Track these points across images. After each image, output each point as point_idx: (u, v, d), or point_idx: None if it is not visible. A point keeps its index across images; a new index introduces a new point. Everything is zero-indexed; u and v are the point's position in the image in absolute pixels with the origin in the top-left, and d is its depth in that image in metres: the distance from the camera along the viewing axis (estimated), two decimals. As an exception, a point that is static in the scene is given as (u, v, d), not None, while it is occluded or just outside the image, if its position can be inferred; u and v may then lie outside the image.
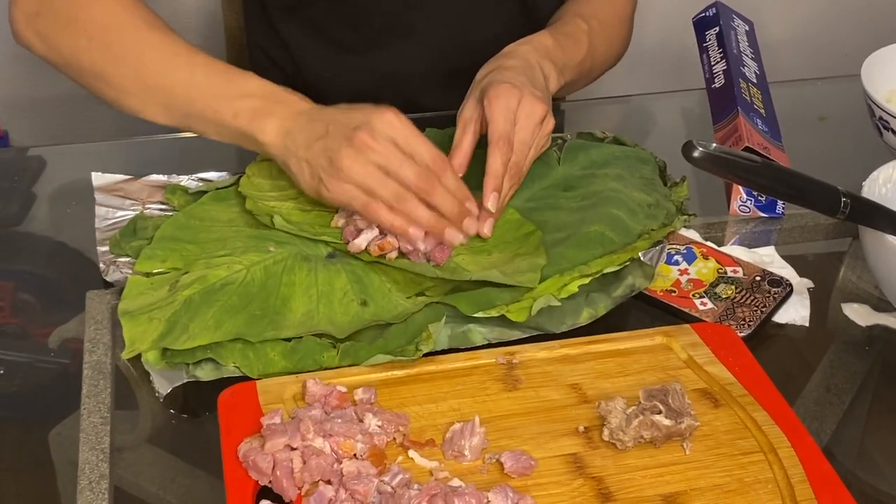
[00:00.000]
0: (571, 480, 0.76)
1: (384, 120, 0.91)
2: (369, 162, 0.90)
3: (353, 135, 0.90)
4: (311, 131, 0.93)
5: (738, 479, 0.76)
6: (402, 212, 0.91)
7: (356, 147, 0.90)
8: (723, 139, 1.08)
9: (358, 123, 0.91)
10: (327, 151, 0.91)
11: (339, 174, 0.90)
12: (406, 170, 0.90)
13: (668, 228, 0.97)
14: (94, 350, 0.88)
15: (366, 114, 0.92)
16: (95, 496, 0.76)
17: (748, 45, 1.20)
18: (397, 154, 0.91)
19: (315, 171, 0.92)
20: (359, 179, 0.90)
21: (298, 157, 0.94)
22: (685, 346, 0.87)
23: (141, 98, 1.00)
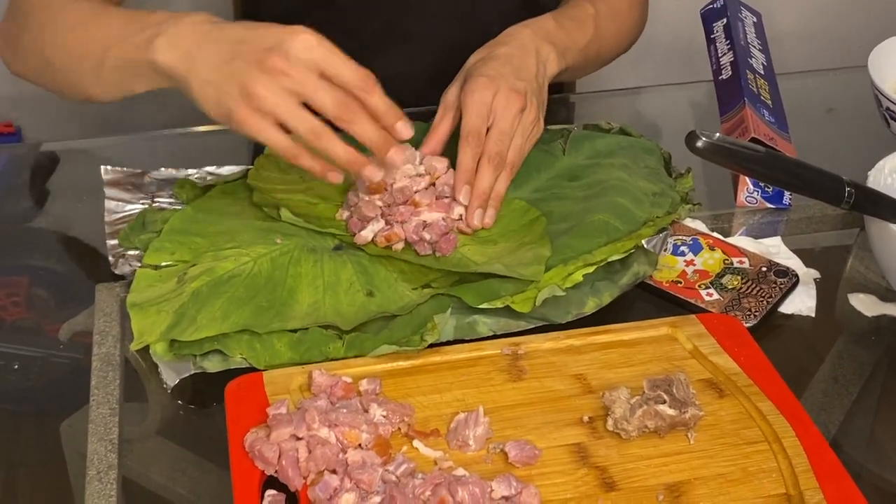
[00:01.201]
0: (575, 470, 0.76)
1: (300, 41, 0.84)
2: (283, 89, 0.83)
3: (265, 58, 0.83)
4: (216, 51, 0.86)
5: (742, 468, 0.77)
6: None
7: (268, 72, 0.83)
8: (729, 130, 1.09)
9: (270, 45, 0.84)
10: (236, 75, 0.84)
11: (249, 102, 0.84)
12: (323, 96, 0.84)
13: (672, 216, 0.97)
14: (103, 342, 0.89)
15: (278, 34, 0.85)
16: (104, 486, 0.77)
17: (756, 37, 1.20)
18: (313, 79, 0.84)
19: (222, 97, 0.85)
20: (272, 109, 0.84)
21: (201, 78, 0.86)
22: (690, 337, 0.88)
23: (70, 68, 0.98)
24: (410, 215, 0.95)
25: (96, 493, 0.76)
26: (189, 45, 0.88)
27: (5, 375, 0.91)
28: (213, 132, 1.18)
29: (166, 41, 0.88)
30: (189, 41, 0.88)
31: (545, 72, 1.05)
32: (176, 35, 0.88)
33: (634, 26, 1.23)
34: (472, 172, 0.96)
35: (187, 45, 0.88)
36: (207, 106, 0.87)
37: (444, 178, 0.98)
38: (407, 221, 0.94)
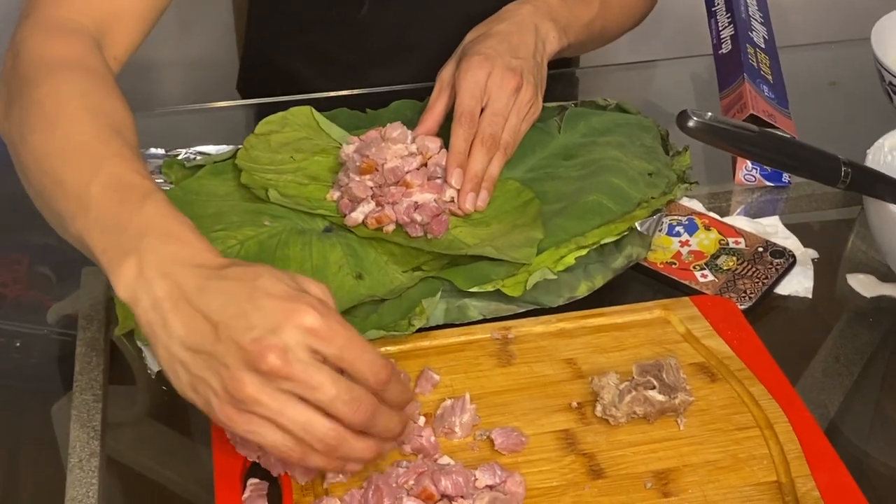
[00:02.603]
0: (562, 457, 0.75)
1: (298, 325, 0.65)
2: (283, 393, 0.65)
3: (257, 354, 0.64)
4: (194, 323, 0.66)
5: (732, 454, 0.75)
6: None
7: (262, 373, 0.64)
8: (728, 106, 1.06)
9: (260, 331, 0.64)
10: (219, 369, 0.65)
11: (238, 405, 0.65)
12: (339, 408, 0.65)
13: (667, 197, 0.95)
14: (88, 327, 0.88)
15: (276, 312, 0.65)
16: (85, 474, 0.76)
17: (758, 10, 1.17)
18: (323, 383, 0.65)
19: (199, 386, 0.67)
20: (271, 416, 0.65)
21: (171, 351, 0.67)
22: (684, 320, 0.86)
23: (35, 192, 0.79)
24: (402, 196, 0.93)
25: (77, 480, 0.76)
26: (160, 295, 0.67)
27: (7, 353, 0.91)
28: (204, 111, 1.17)
29: (134, 272, 0.68)
30: (161, 289, 0.67)
31: (544, 49, 1.03)
32: (148, 270, 0.68)
33: (643, 2, 1.21)
34: (464, 155, 0.94)
35: (158, 294, 0.67)
36: (180, 387, 0.68)
37: (437, 158, 0.96)
38: (398, 203, 0.93)
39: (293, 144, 1.02)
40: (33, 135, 0.78)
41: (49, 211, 0.77)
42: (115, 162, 0.74)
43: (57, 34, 0.87)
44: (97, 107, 0.79)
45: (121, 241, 0.70)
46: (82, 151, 0.75)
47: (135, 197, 0.72)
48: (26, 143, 0.78)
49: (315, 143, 1.03)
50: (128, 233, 0.70)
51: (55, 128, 0.78)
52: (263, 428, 0.65)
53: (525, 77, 0.98)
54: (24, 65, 0.84)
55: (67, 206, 0.74)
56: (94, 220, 0.72)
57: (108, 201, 0.72)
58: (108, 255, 0.70)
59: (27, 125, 0.79)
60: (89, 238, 0.71)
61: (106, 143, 0.76)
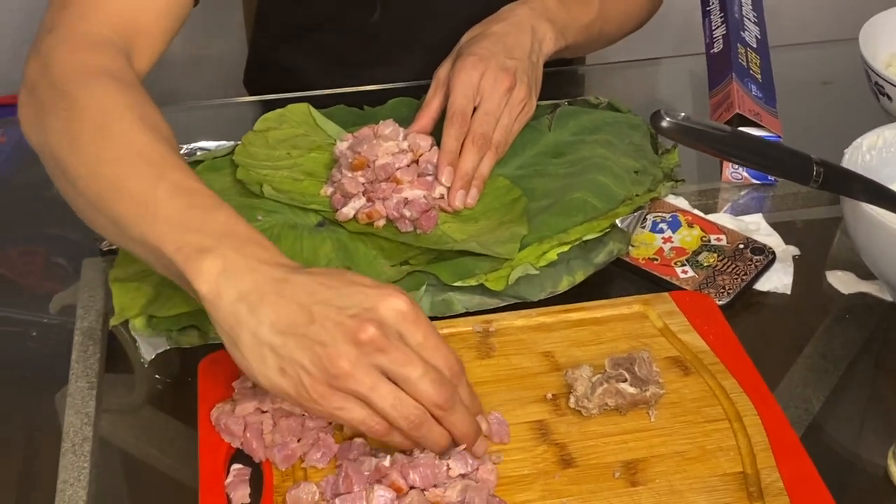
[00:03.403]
0: (535, 447, 0.77)
1: (391, 307, 0.69)
2: (375, 367, 0.68)
3: (357, 327, 0.68)
4: (286, 309, 0.69)
5: (700, 446, 0.77)
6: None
7: (360, 345, 0.67)
8: (717, 105, 1.08)
9: (357, 309, 0.69)
10: (313, 347, 0.68)
11: (332, 381, 0.68)
12: (425, 384, 0.69)
13: (651, 194, 0.97)
14: (86, 316, 0.92)
15: (367, 295, 0.69)
16: (77, 459, 0.79)
17: (752, 9, 1.19)
18: (415, 360, 0.69)
19: (287, 367, 0.69)
20: (363, 392, 0.68)
21: (259, 337, 0.69)
22: (661, 315, 0.88)
23: (90, 203, 0.79)
24: (392, 192, 0.96)
25: (70, 464, 0.79)
26: (247, 287, 0.70)
27: (23, 342, 0.94)
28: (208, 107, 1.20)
29: (216, 270, 0.71)
30: (247, 283, 0.70)
31: (540, 50, 1.05)
32: (232, 266, 0.71)
33: (645, 6, 1.22)
34: (455, 153, 0.97)
35: (245, 287, 0.70)
36: (260, 372, 0.70)
37: (427, 155, 0.98)
38: (388, 198, 0.95)
39: (290, 141, 1.05)
40: (83, 143, 0.80)
41: (102, 215, 0.79)
42: (176, 170, 0.77)
43: (88, 46, 0.88)
44: (146, 118, 0.82)
45: (197, 240, 0.72)
46: (142, 159, 0.78)
47: (204, 202, 0.75)
48: (76, 151, 0.80)
49: (312, 139, 1.05)
50: (204, 233, 0.73)
51: (109, 137, 0.80)
52: (352, 404, 0.69)
53: (519, 77, 1.00)
54: (57, 75, 0.85)
55: (129, 209, 0.76)
56: (164, 221, 0.74)
57: (177, 204, 0.75)
58: (183, 252, 0.72)
59: (74, 134, 0.81)
60: (157, 238, 0.73)
61: (163, 153, 0.79)
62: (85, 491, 0.77)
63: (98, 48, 0.88)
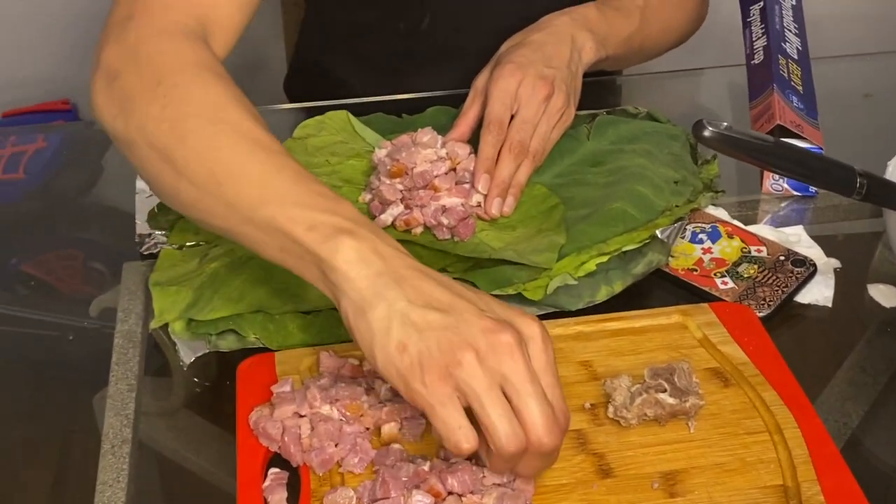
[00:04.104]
0: (573, 456, 0.77)
1: (532, 329, 0.69)
2: (497, 372, 0.67)
3: (494, 327, 0.67)
4: (429, 291, 0.70)
5: (740, 458, 0.77)
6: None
7: (494, 344, 0.67)
8: (757, 116, 1.08)
9: (497, 315, 0.69)
10: (446, 330, 0.67)
11: (451, 369, 0.66)
12: (535, 409, 0.67)
13: (691, 205, 0.97)
14: (126, 320, 0.92)
15: (505, 309, 0.71)
16: (117, 460, 0.80)
17: (793, 21, 1.18)
18: (537, 380, 0.67)
19: (409, 345, 0.68)
20: (477, 389, 0.66)
21: (394, 309, 0.69)
22: (701, 325, 0.88)
23: (200, 187, 0.79)
24: (430, 200, 0.96)
25: (109, 466, 0.79)
26: (389, 267, 0.71)
27: (60, 346, 0.94)
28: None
29: (356, 247, 0.71)
30: (389, 264, 0.71)
31: (580, 59, 1.05)
32: (371, 246, 0.72)
33: (687, 21, 1.22)
34: (492, 161, 0.97)
35: (386, 266, 0.71)
36: (385, 343, 0.68)
37: (465, 163, 0.99)
38: (426, 206, 0.96)
39: (329, 148, 1.05)
40: (191, 129, 0.80)
41: (214, 199, 0.79)
42: (292, 159, 0.79)
43: (178, 36, 0.88)
44: (252, 111, 0.83)
45: (334, 221, 0.73)
46: (259, 146, 0.79)
47: (328, 191, 0.77)
48: (183, 137, 0.80)
49: (350, 146, 1.06)
50: (339, 216, 0.73)
51: (221, 123, 0.81)
52: (455, 404, 0.67)
53: (557, 86, 1.00)
54: (148, 63, 0.85)
55: (250, 192, 0.77)
56: (293, 203, 0.75)
57: (303, 189, 0.76)
58: (318, 232, 0.73)
59: (178, 120, 0.81)
60: (288, 220, 0.74)
61: (276, 143, 0.80)
62: (124, 492, 0.77)
63: (187, 39, 0.88)
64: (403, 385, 0.68)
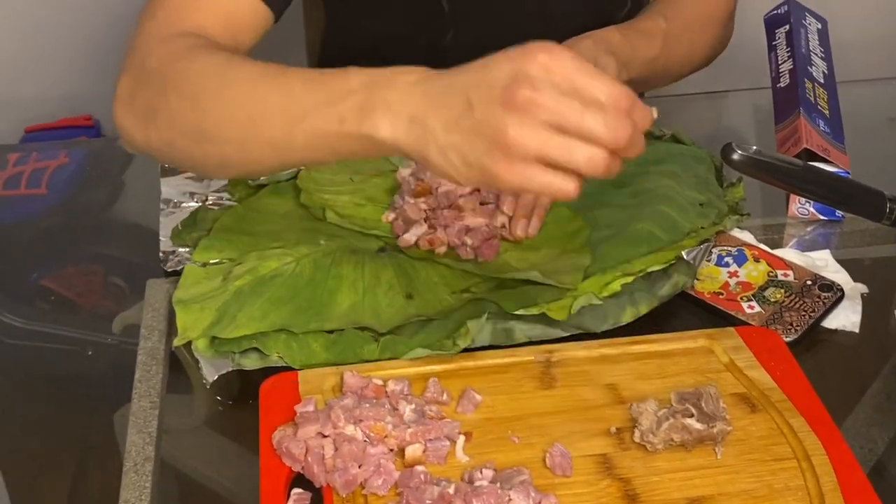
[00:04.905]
0: (599, 481, 0.76)
1: (538, 64, 0.71)
2: (541, 124, 0.70)
3: (509, 95, 0.70)
4: (448, 108, 0.74)
5: (768, 485, 0.76)
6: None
7: (519, 108, 0.70)
8: (784, 139, 1.07)
9: (507, 78, 0.71)
10: (481, 128, 0.71)
11: (507, 152, 0.71)
12: (592, 125, 0.70)
13: (717, 227, 0.96)
14: (149, 336, 0.92)
15: (512, 62, 0.72)
16: (139, 478, 0.79)
17: (818, 44, 1.18)
18: (573, 105, 0.70)
19: (470, 159, 0.73)
20: (536, 150, 0.70)
21: (439, 144, 0.74)
22: (727, 350, 0.87)
23: (240, 143, 0.84)
24: (454, 220, 0.96)
25: (132, 483, 0.79)
26: (412, 109, 0.75)
27: (80, 361, 0.94)
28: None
29: (384, 111, 0.75)
30: (410, 105, 0.75)
31: None
32: (393, 102, 0.76)
33: (711, 45, 1.21)
34: None
35: (410, 110, 0.75)
36: (454, 172, 0.74)
37: (490, 183, 0.98)
38: (450, 226, 0.95)
39: (353, 166, 1.05)
40: (209, 96, 0.85)
41: (256, 147, 0.83)
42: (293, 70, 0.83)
43: (171, 39, 0.91)
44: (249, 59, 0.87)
45: (351, 103, 0.77)
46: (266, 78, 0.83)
47: (333, 74, 0.80)
48: (204, 107, 0.84)
49: (374, 165, 1.06)
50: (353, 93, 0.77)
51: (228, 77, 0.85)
52: (534, 170, 0.71)
53: None
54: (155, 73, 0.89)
55: (281, 123, 0.81)
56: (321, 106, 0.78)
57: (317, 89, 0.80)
58: (349, 118, 0.77)
59: (196, 95, 0.85)
60: (318, 128, 0.78)
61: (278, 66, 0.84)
62: (146, 511, 0.77)
63: (181, 37, 0.91)
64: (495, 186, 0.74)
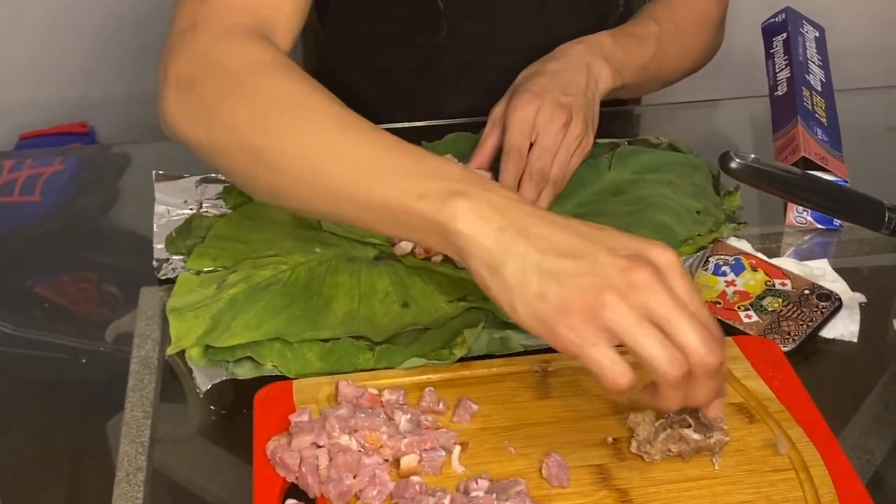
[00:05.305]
0: (595, 492, 0.76)
1: (662, 256, 0.69)
2: (642, 306, 0.66)
3: (629, 265, 0.67)
4: (557, 238, 0.69)
5: (766, 496, 0.75)
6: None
7: (631, 282, 0.66)
8: (781, 148, 1.07)
9: (629, 251, 0.68)
10: (584, 275, 0.67)
11: (594, 312, 0.66)
12: (693, 333, 0.66)
13: (713, 235, 0.96)
14: (142, 345, 0.91)
15: (636, 241, 0.70)
16: (131, 487, 0.79)
17: (816, 53, 1.17)
18: (685, 308, 0.67)
19: (549, 293, 0.67)
20: (626, 326, 0.66)
21: (527, 261, 0.68)
22: (725, 360, 0.86)
23: (296, 178, 0.79)
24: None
25: (124, 493, 0.78)
26: (511, 220, 0.70)
27: (73, 369, 0.93)
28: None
29: (473, 208, 0.70)
30: (510, 216, 0.70)
31: (596, 87, 1.05)
32: (486, 203, 0.70)
33: (703, 49, 1.21)
34: (513, 189, 0.96)
35: (508, 219, 0.70)
36: (521, 295, 0.68)
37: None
38: (446, 234, 0.95)
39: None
40: (283, 124, 0.80)
41: (315, 189, 0.78)
42: (380, 131, 0.78)
43: (248, 39, 0.88)
44: (333, 97, 0.82)
45: (443, 185, 0.72)
46: (350, 127, 0.79)
47: (428, 155, 0.76)
48: (274, 133, 0.80)
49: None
50: (448, 179, 0.72)
51: (308, 112, 0.80)
52: (604, 342, 0.66)
53: (575, 113, 0.99)
54: (226, 68, 0.85)
55: (351, 173, 0.76)
56: (397, 174, 0.73)
57: (403, 159, 0.75)
58: (431, 199, 0.71)
59: (267, 117, 0.81)
60: (396, 193, 0.73)
61: (364, 120, 0.79)
62: (138, 521, 0.76)
63: (253, 39, 0.88)
64: (550, 333, 0.68)
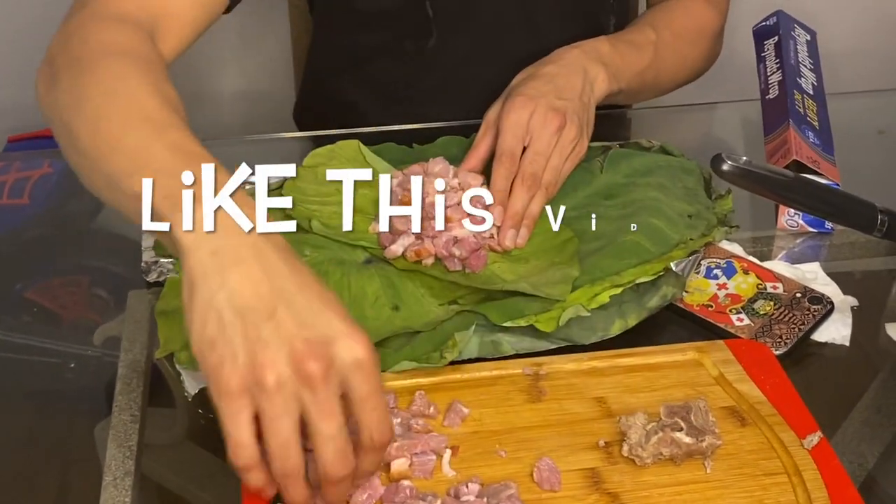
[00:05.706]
0: (587, 495, 0.75)
1: (351, 350, 0.65)
2: (296, 399, 0.64)
3: (304, 352, 0.64)
4: (252, 287, 0.66)
5: (758, 500, 0.75)
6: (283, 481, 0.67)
7: (298, 372, 0.64)
8: (773, 151, 1.07)
9: (317, 335, 0.65)
10: (255, 343, 0.64)
11: (247, 382, 0.64)
12: (329, 447, 0.65)
13: (706, 238, 0.96)
14: (130, 349, 0.91)
15: (333, 327, 0.66)
16: (119, 492, 0.78)
17: (808, 56, 1.17)
18: (336, 418, 0.65)
19: (219, 345, 0.65)
20: (268, 414, 0.64)
21: (213, 302, 0.65)
22: (717, 363, 0.86)
23: (89, 158, 0.77)
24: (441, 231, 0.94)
25: (111, 498, 0.77)
26: (228, 246, 0.67)
27: (62, 374, 0.93)
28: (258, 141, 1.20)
29: (198, 217, 0.68)
30: (231, 242, 0.67)
31: (592, 91, 1.04)
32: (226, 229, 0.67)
33: (700, 58, 1.21)
34: (505, 193, 0.96)
35: (227, 243, 0.67)
36: (199, 332, 0.66)
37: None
38: (438, 237, 0.94)
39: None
40: (89, 101, 0.79)
41: (99, 173, 0.77)
42: (177, 132, 0.75)
43: (114, 24, 0.89)
44: (156, 85, 0.80)
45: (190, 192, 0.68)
46: (144, 118, 0.76)
47: (200, 161, 0.71)
48: (81, 109, 0.79)
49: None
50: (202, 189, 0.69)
51: (115, 97, 0.79)
52: (246, 420, 0.64)
53: (569, 117, 0.99)
54: (78, 47, 0.85)
55: (124, 164, 0.73)
56: (155, 171, 0.70)
57: (172, 158, 0.72)
58: (169, 201, 0.68)
59: (82, 94, 0.80)
60: (148, 189, 0.70)
61: (167, 116, 0.77)
62: (125, 526, 0.76)
63: (125, 26, 0.89)
64: (207, 380, 0.66)
